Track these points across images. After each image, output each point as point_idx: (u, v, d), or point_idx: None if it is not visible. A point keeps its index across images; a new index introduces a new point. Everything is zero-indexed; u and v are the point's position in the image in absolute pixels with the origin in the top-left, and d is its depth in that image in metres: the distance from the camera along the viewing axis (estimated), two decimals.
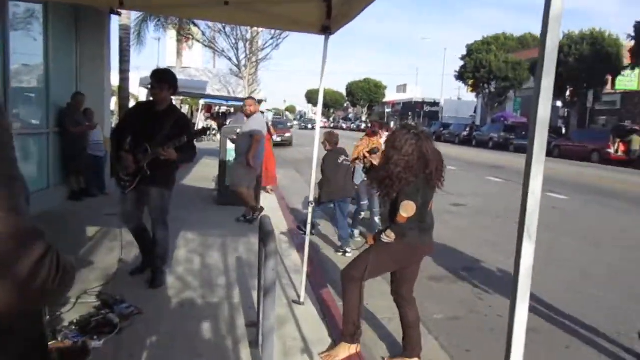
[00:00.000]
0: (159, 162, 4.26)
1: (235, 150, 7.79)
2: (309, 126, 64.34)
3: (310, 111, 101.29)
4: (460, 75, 44.09)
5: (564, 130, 33.82)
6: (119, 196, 4.64)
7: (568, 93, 33.34)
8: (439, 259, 6.13)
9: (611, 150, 24.12)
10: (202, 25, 18.24)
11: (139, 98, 22.12)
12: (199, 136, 4.64)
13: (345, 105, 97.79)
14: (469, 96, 53.16)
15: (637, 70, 29.70)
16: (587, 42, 30.33)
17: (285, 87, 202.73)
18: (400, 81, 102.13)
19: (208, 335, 3.61)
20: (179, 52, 28.35)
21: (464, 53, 43.64)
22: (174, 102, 4.91)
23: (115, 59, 12.25)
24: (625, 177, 17.66)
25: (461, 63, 43.73)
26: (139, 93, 23.08)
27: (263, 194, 9.00)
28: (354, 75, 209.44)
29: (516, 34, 46.02)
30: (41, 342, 1.16)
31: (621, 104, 32.72)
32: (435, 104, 62.56)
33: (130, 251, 5.08)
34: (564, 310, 4.76)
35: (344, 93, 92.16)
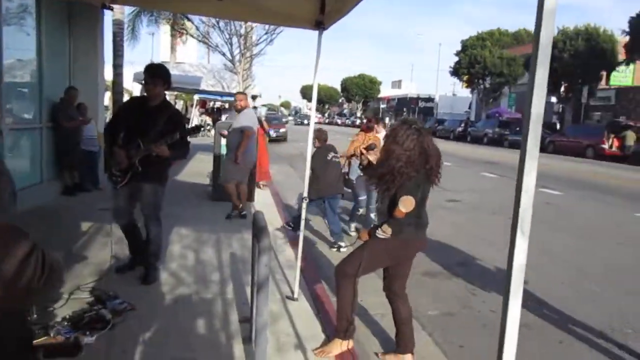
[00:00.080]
0: (151, 158, 4.23)
1: (226, 146, 7.78)
2: (305, 122, 64.12)
3: (305, 107, 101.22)
4: (455, 71, 44.08)
5: (558, 126, 33.89)
6: (111, 192, 4.61)
7: (563, 89, 33.37)
8: (433, 254, 6.14)
9: (605, 146, 24.19)
10: (196, 20, 18.14)
11: (133, 93, 22.00)
12: (192, 133, 4.60)
13: (340, 101, 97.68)
14: (464, 92, 53.25)
15: (632, 66, 29.83)
16: (582, 38, 30.37)
17: (280, 83, 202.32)
18: (395, 77, 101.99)
19: (201, 331, 3.60)
20: (173, 47, 28.23)
21: (459, 49, 43.61)
22: (167, 98, 4.87)
23: (109, 54, 12.15)
24: (619, 173, 17.73)
25: (456, 59, 43.71)
26: (132, 88, 22.96)
27: (256, 189, 8.99)
28: (349, 71, 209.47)
29: (511, 29, 45.97)
30: (27, 341, 1.15)
31: (616, 99, 32.80)
32: (430, 99, 62.56)
33: (123, 247, 5.05)
34: (557, 306, 4.77)
35: (338, 89, 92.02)
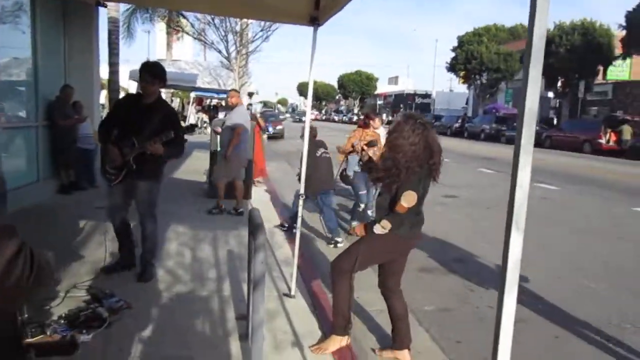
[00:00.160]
0: (145, 156, 4.21)
1: (219, 143, 7.81)
2: (303, 119, 63.79)
3: (302, 104, 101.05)
4: (452, 67, 44.11)
5: (555, 121, 33.95)
6: (106, 189, 4.60)
7: (559, 84, 33.44)
8: (430, 250, 6.14)
9: (602, 141, 24.21)
10: (191, 17, 18.08)
11: (129, 91, 21.93)
12: (186, 132, 4.58)
13: (337, 97, 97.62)
14: (461, 88, 53.26)
15: (629, 60, 29.85)
16: (578, 33, 30.39)
17: (277, 80, 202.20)
18: (392, 73, 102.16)
19: (198, 329, 3.59)
20: (169, 45, 28.14)
21: (455, 44, 43.63)
22: (164, 96, 4.85)
23: (105, 52, 12.12)
24: (616, 167, 17.76)
25: (452, 54, 43.74)
26: (128, 86, 22.90)
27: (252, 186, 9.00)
28: (346, 67, 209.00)
29: (507, 24, 46.02)
30: (16, 341, 1.14)
31: (613, 94, 32.85)
32: (427, 95, 62.60)
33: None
34: (554, 301, 4.78)
35: (335, 85, 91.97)
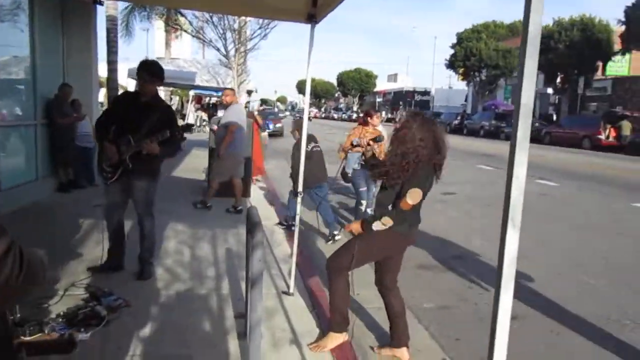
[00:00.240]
0: (141, 155, 4.21)
1: (215, 141, 7.88)
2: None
3: (301, 101, 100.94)
4: (451, 64, 44.10)
5: (554, 117, 33.93)
6: (104, 188, 4.58)
7: (559, 80, 33.41)
8: (429, 247, 6.14)
9: (602, 137, 24.23)
10: (190, 15, 18.05)
11: (128, 89, 21.90)
12: (183, 132, 4.57)
13: (336, 95, 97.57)
14: (460, 85, 53.22)
15: (628, 56, 29.83)
16: (577, 28, 30.36)
17: (276, 77, 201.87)
18: (391, 70, 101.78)
19: (196, 327, 3.59)
20: (168, 43, 28.08)
21: (454, 41, 43.60)
22: (163, 94, 4.85)
23: (103, 50, 12.12)
24: (615, 163, 17.76)
25: (451, 51, 43.72)
26: (127, 84, 22.87)
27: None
28: (345, 65, 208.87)
29: (506, 21, 45.97)
30: (6, 341, 1.13)
31: (612, 89, 32.80)
32: (426, 93, 62.56)
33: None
34: (554, 297, 4.78)
35: (334, 83, 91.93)
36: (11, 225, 1.00)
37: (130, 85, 21.24)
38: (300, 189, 4.57)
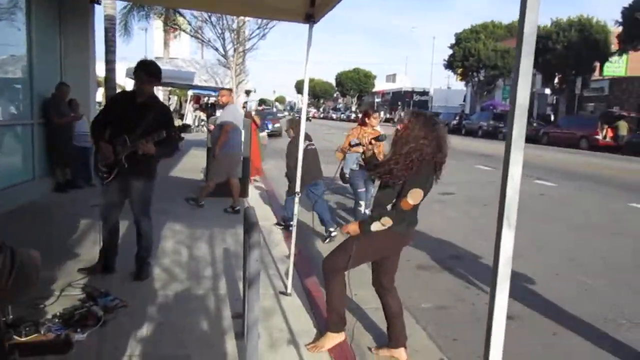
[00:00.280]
0: (138, 155, 4.18)
1: (211, 141, 7.97)
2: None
3: (300, 101, 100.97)
4: (449, 64, 44.13)
5: (552, 118, 33.98)
6: (101, 188, 4.57)
7: (556, 80, 33.44)
8: (427, 248, 6.14)
9: (599, 137, 24.34)
10: (188, 15, 18.03)
11: (126, 89, 21.89)
12: (180, 132, 4.55)
13: (335, 95, 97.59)
14: (459, 85, 53.21)
15: (625, 56, 29.86)
16: (575, 29, 30.38)
17: (274, 77, 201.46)
18: (390, 71, 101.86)
19: (194, 327, 3.58)
20: (166, 43, 28.06)
21: (453, 42, 43.63)
22: (161, 93, 4.83)
23: (101, 50, 12.09)
24: (612, 163, 17.78)
25: (450, 52, 43.74)
26: (125, 83, 22.86)
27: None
28: (344, 65, 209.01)
29: (505, 21, 45.98)
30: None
31: (609, 90, 32.83)
32: (424, 93, 62.60)
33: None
34: (552, 297, 4.78)
35: (333, 83, 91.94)
36: (8, 225, 1.00)
37: (129, 84, 21.23)
38: (297, 188, 4.56)
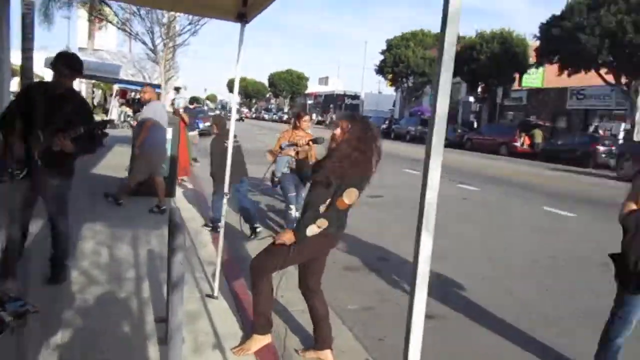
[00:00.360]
0: (53, 151, 3.90)
1: (132, 139, 7.80)
2: (236, 116, 61.84)
3: (232, 101, 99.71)
4: (380, 70, 45.06)
5: (475, 124, 35.57)
6: (9, 187, 4.19)
7: (480, 89, 35.03)
8: (355, 249, 6.23)
9: (517, 144, 25.97)
10: (115, 6, 17.36)
11: (45, 79, 20.72)
12: (100, 128, 4.29)
13: (268, 95, 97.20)
14: (389, 90, 54.51)
15: (542, 69, 31.69)
16: (497, 41, 31.93)
17: (206, 75, 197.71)
18: (322, 73, 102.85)
19: (114, 333, 3.44)
20: (91, 34, 26.86)
21: (384, 48, 44.61)
22: (84, 86, 4.57)
23: (18, 37, 11.33)
24: (530, 169, 18.85)
25: (381, 57, 44.69)
26: (44, 74, 21.61)
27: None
28: (277, 65, 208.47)
29: (433, 31, 47.59)
30: None
31: (527, 100, 34.85)
32: (356, 96, 63.65)
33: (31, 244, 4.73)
34: (473, 297, 4.98)
35: (266, 83, 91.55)
36: None
37: (47, 75, 20.08)
38: (226, 189, 4.50)
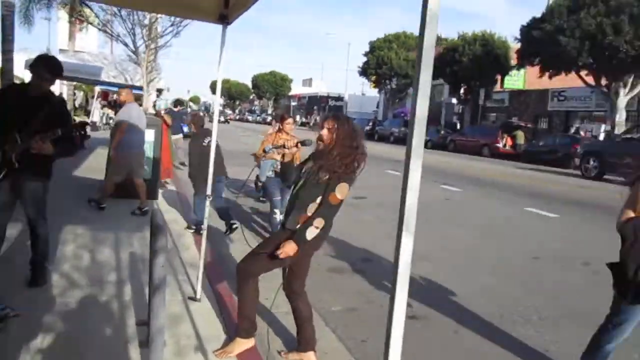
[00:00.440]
0: (31, 154, 3.83)
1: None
2: (221, 118, 60.99)
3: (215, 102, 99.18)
4: (364, 71, 45.21)
5: (458, 126, 35.88)
6: None
7: (462, 91, 35.35)
8: (339, 251, 6.24)
9: (500, 145, 26.24)
10: (96, 8, 17.16)
11: (25, 81, 20.41)
12: (77, 129, 4.21)
13: (251, 97, 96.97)
14: (373, 92, 54.75)
15: (523, 71, 32.08)
16: (479, 43, 32.26)
17: (189, 77, 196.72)
18: (306, 75, 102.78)
19: (94, 336, 3.40)
20: (72, 35, 26.54)
21: (367, 50, 44.77)
22: (65, 88, 4.50)
23: None
24: (513, 170, 19.04)
25: (364, 59, 44.84)
26: (24, 76, 21.29)
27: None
28: (260, 67, 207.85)
29: (416, 33, 47.82)
30: None
31: (509, 101, 35.24)
32: (340, 98, 63.75)
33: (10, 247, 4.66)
34: (455, 297, 5.01)
35: (249, 85, 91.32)
36: None
37: (28, 77, 19.75)
38: (209, 191, 4.48)
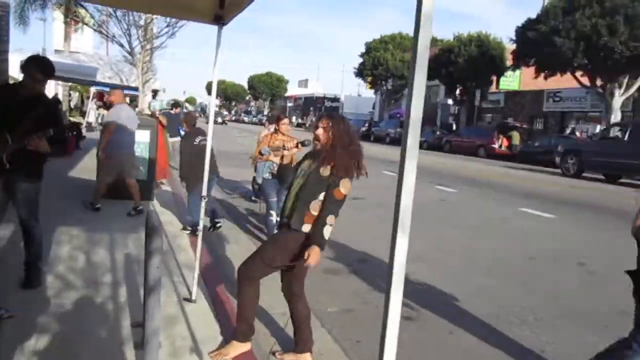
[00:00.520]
0: (22, 154, 3.81)
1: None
2: (218, 119, 60.70)
3: (211, 103, 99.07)
4: (360, 72, 45.29)
5: (454, 127, 35.98)
6: None
7: (458, 91, 35.45)
8: (335, 251, 6.23)
9: (495, 146, 26.32)
10: (91, 8, 17.13)
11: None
12: (67, 131, 4.20)
13: (247, 98, 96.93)
14: (369, 93, 54.77)
15: (518, 72, 32.20)
16: (475, 44, 32.35)
17: (185, 78, 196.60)
18: (302, 76, 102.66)
19: (89, 338, 3.38)
20: (67, 36, 26.48)
21: (363, 51, 44.84)
22: (61, 88, 4.49)
23: None
24: (508, 171, 19.10)
25: (360, 60, 44.90)
26: (19, 76, 21.23)
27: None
28: (256, 68, 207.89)
29: (412, 34, 47.92)
30: None
31: (504, 102, 35.36)
32: (336, 99, 63.87)
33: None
34: (450, 298, 5.02)
35: (245, 86, 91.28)
36: None
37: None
38: (204, 192, 4.47)
